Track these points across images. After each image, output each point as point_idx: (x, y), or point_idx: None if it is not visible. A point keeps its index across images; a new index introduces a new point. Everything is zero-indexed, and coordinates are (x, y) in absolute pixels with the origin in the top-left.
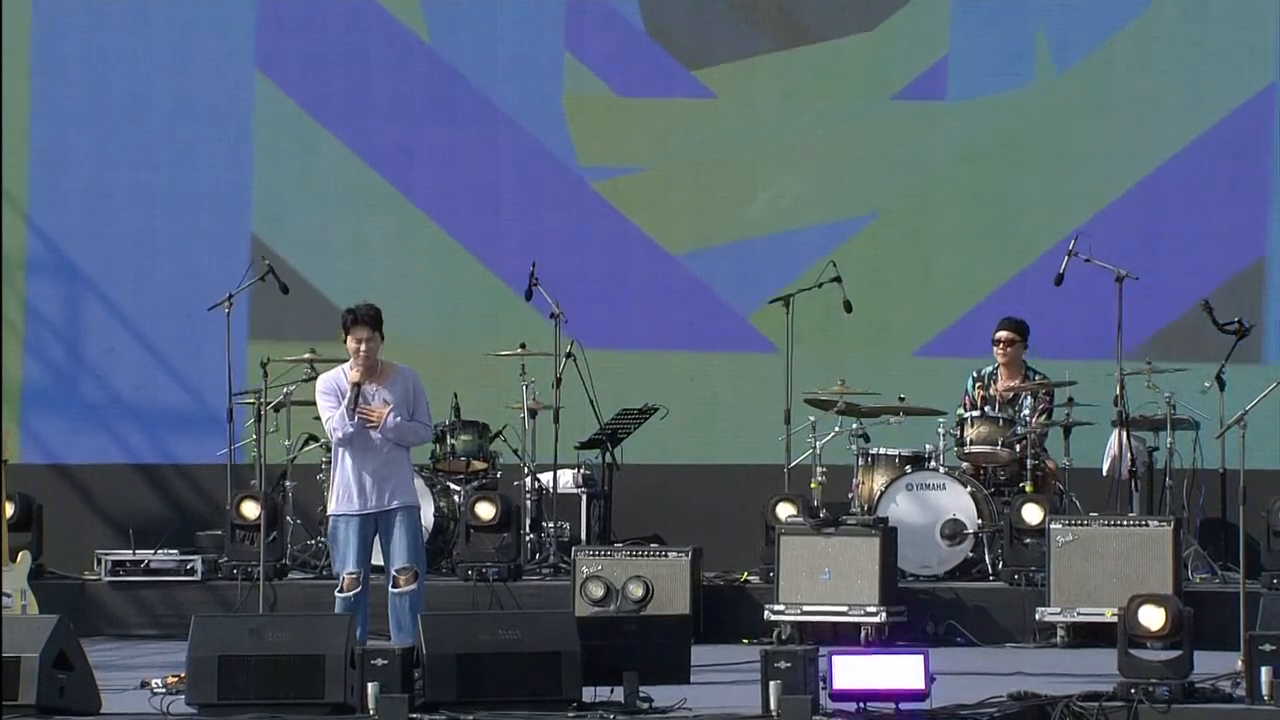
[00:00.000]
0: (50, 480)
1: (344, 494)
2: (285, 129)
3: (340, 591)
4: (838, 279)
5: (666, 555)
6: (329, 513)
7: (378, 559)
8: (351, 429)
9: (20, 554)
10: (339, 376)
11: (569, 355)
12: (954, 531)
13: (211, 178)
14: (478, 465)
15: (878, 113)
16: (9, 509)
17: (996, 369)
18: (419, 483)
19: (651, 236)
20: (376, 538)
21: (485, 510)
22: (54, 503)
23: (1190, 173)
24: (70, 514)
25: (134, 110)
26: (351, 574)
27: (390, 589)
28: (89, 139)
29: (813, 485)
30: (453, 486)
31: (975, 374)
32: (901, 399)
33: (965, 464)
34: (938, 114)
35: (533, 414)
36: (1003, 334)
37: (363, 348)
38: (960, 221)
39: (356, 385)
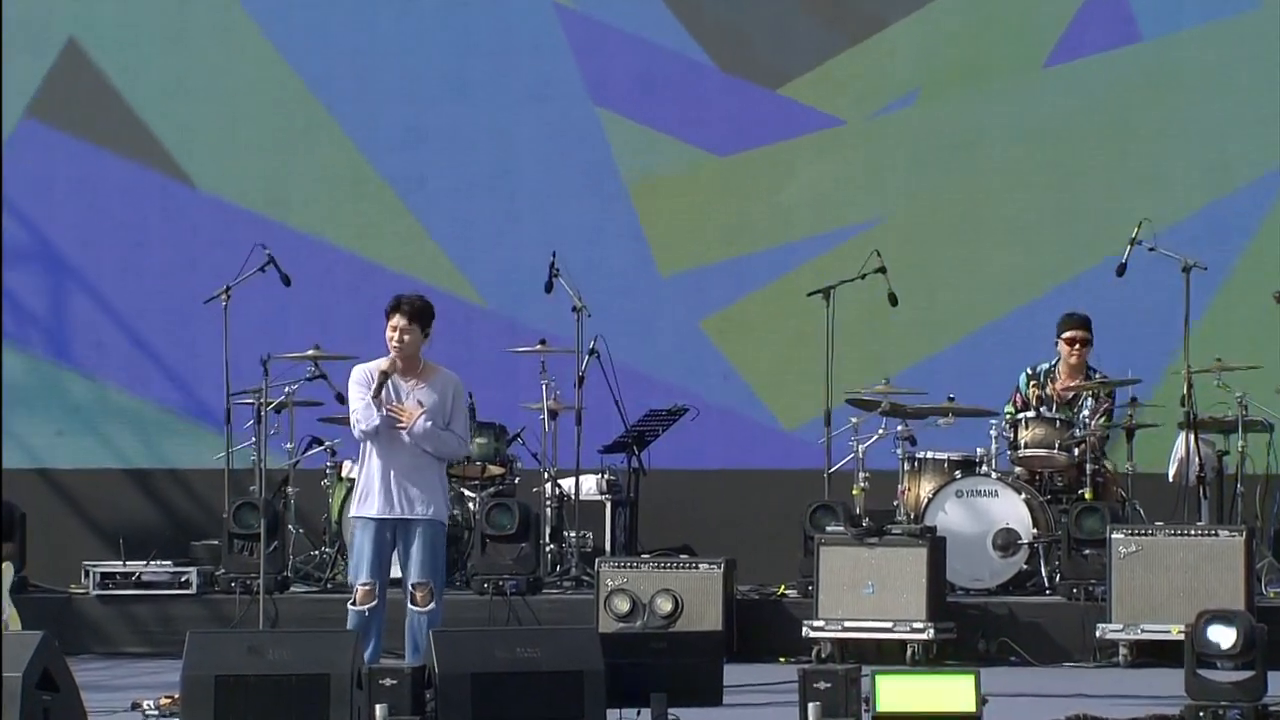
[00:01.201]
0: (33, 486)
1: (364, 495)
2: (289, 108)
3: (352, 604)
4: (882, 269)
5: (697, 567)
6: (350, 514)
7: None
8: (376, 422)
9: (2, 565)
10: (371, 366)
11: (592, 352)
12: (1007, 542)
13: (207, 160)
14: (494, 470)
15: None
16: None
17: (1054, 366)
18: None
19: (680, 224)
20: (395, 550)
21: (503, 519)
22: (38, 510)
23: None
24: (55, 523)
25: (125, 87)
26: (365, 585)
27: (409, 606)
28: (77, 122)
29: (855, 492)
30: (467, 493)
31: (1029, 370)
32: (951, 398)
33: (1020, 469)
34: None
35: (553, 415)
36: (1075, 333)
37: (395, 336)
38: (1015, 208)
39: (385, 374)
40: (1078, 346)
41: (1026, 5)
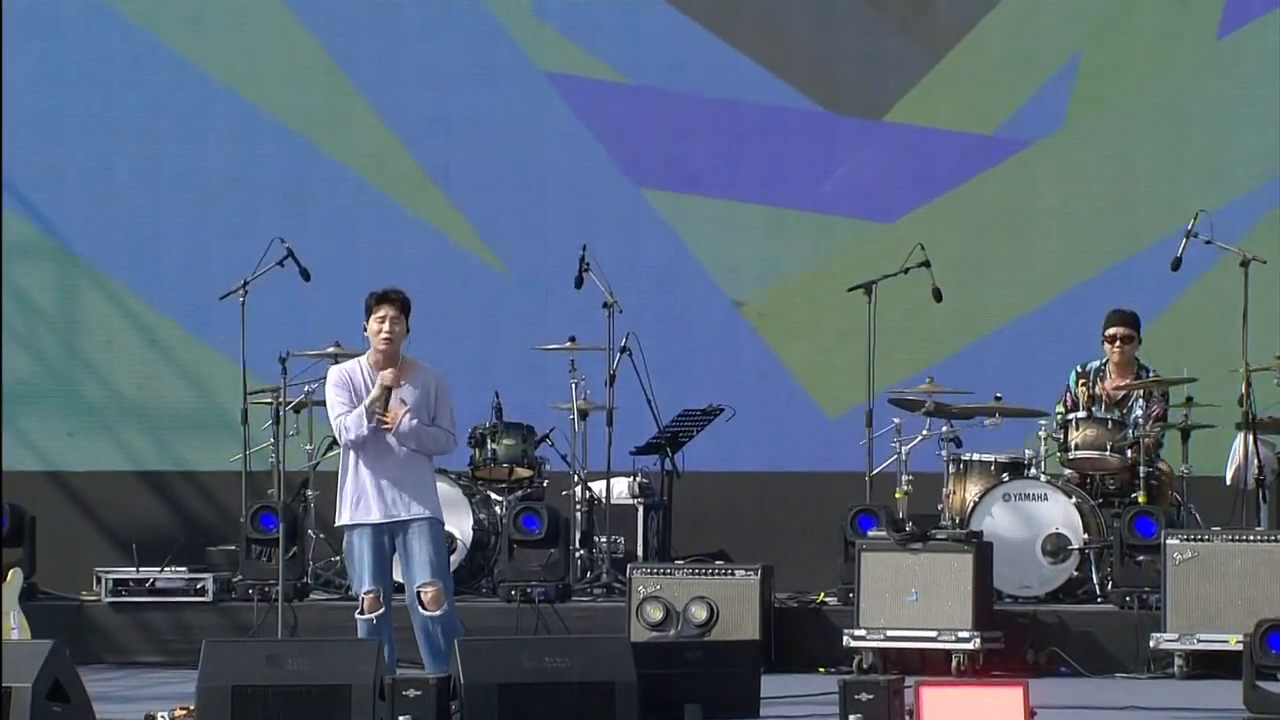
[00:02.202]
0: (44, 489)
1: (355, 502)
2: (309, 95)
3: (360, 614)
4: (926, 264)
5: (733, 574)
6: (338, 523)
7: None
8: (367, 432)
9: (10, 572)
10: (355, 369)
11: (624, 349)
12: (1057, 547)
13: (224, 150)
14: (522, 472)
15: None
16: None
17: (1104, 365)
18: (455, 492)
19: (715, 218)
20: (394, 555)
21: (530, 523)
22: (48, 514)
23: None
24: (66, 527)
25: (137, 75)
26: (369, 592)
27: (417, 611)
28: (88, 107)
29: (897, 495)
30: (494, 496)
31: (1079, 369)
32: (998, 398)
33: (1070, 471)
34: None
35: (583, 415)
36: (1118, 330)
37: (385, 327)
38: (1063, 200)
39: (388, 389)
40: (1119, 344)
41: None
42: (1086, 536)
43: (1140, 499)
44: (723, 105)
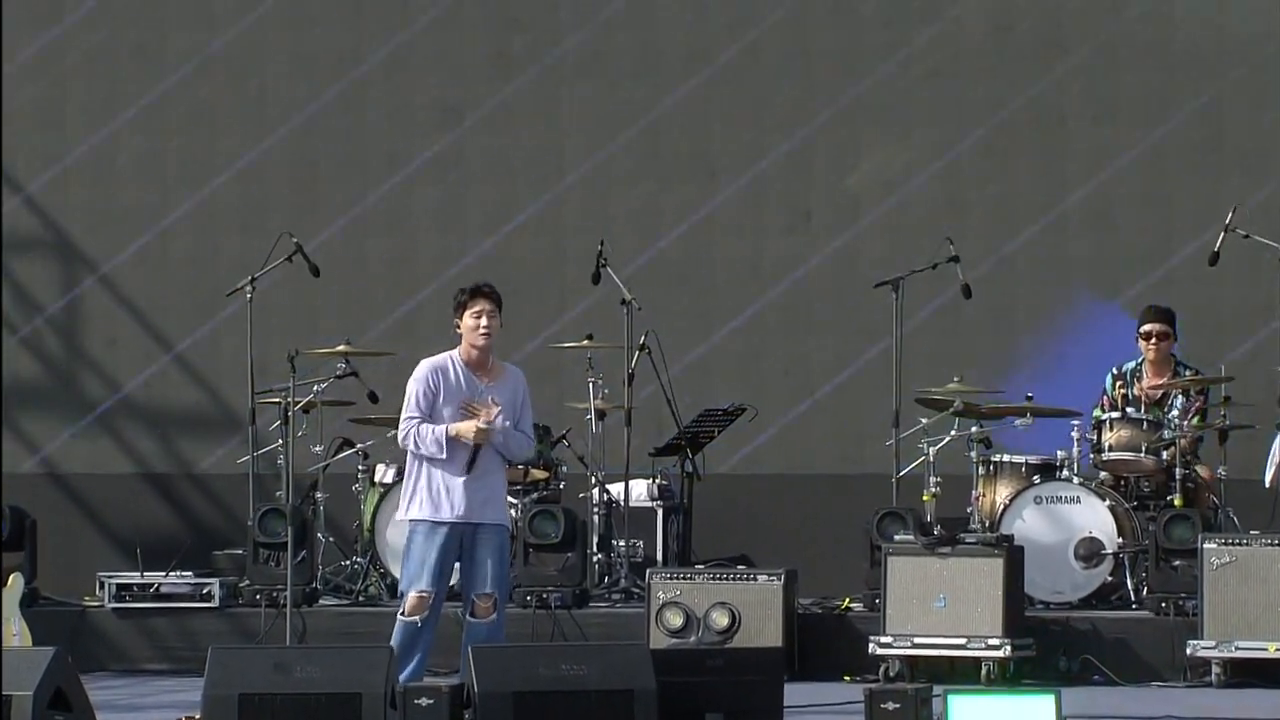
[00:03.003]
0: (45, 491)
1: (428, 497)
2: (319, 84)
3: (403, 614)
4: (955, 259)
5: (755, 579)
6: (402, 517)
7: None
8: (441, 458)
9: (11, 576)
10: (447, 366)
11: (643, 347)
12: (1090, 552)
13: (231, 141)
14: (537, 474)
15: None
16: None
17: (1141, 365)
18: None
19: (737, 211)
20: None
21: (547, 527)
22: (49, 517)
23: None
24: (68, 531)
25: (141, 62)
26: (422, 594)
27: (467, 617)
28: (90, 95)
29: (925, 498)
30: (509, 499)
31: (1115, 370)
32: (1029, 397)
33: (1104, 473)
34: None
35: (601, 415)
36: (1152, 326)
37: (484, 322)
38: (1099, 191)
39: (479, 447)
40: (1154, 341)
41: None
42: (1121, 540)
43: (1176, 502)
44: (748, 95)
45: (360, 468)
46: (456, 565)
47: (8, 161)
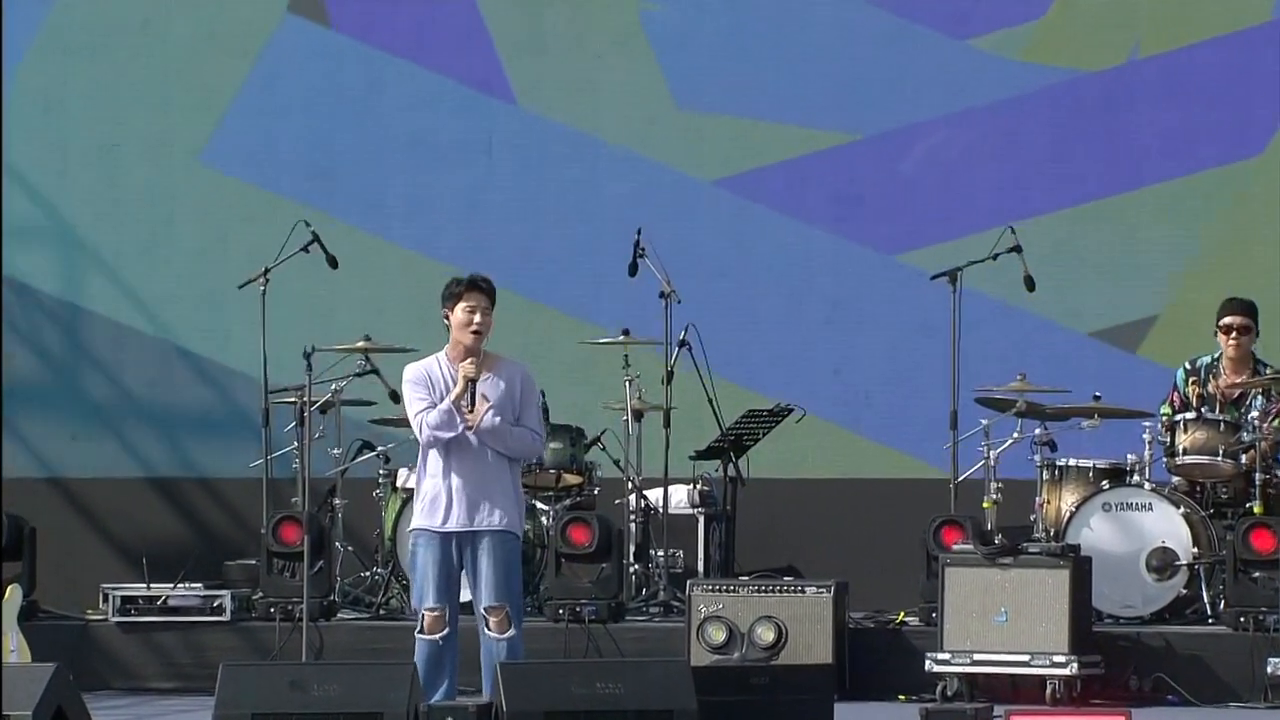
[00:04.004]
0: (45, 497)
1: (427, 505)
2: (335, 65)
3: (421, 633)
4: (1017, 249)
5: (803, 591)
6: (409, 527)
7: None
8: (460, 429)
9: (9, 588)
10: (433, 365)
11: (683, 343)
12: (1163, 563)
13: (242, 124)
14: (570, 479)
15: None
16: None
17: (1217, 361)
18: None
19: (784, 198)
20: (463, 568)
21: (580, 535)
22: (50, 525)
23: None
24: (70, 539)
25: (147, 42)
26: (432, 610)
27: (483, 633)
28: (93, 77)
29: (986, 505)
30: (540, 505)
31: (1188, 365)
32: (1097, 397)
33: (1177, 479)
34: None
35: (638, 416)
36: (1233, 319)
37: (477, 318)
38: (1172, 177)
39: (471, 380)
40: (1235, 335)
41: None
42: (1196, 551)
43: (1256, 509)
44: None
45: (381, 472)
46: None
47: (7, 146)
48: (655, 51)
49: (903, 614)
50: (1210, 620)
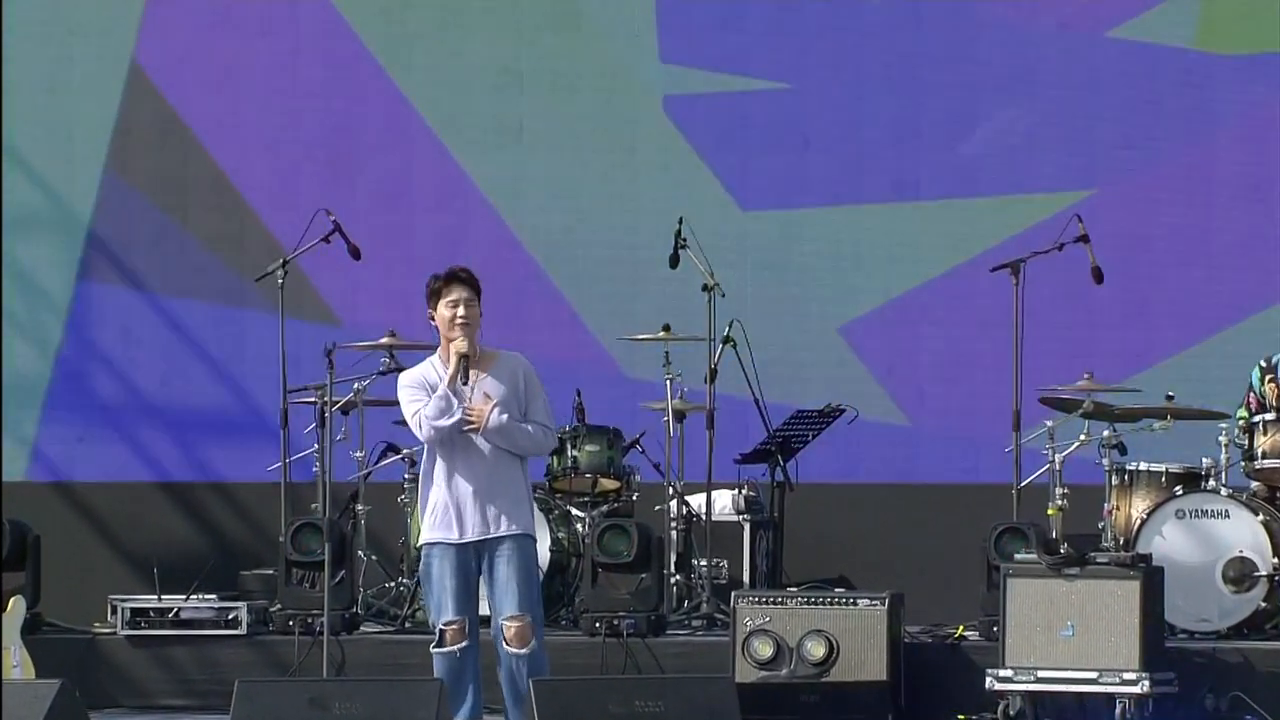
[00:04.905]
0: (51, 503)
1: (437, 516)
2: (359, 40)
3: (438, 647)
4: (1085, 239)
5: (855, 603)
6: (420, 541)
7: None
8: (457, 416)
9: (12, 600)
10: (428, 370)
11: (727, 339)
12: (1241, 574)
13: (260, 105)
14: (607, 484)
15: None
16: None
17: None
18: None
19: (836, 182)
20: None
21: (618, 544)
22: (56, 532)
23: None
24: (77, 548)
25: (157, 17)
26: (452, 624)
27: (501, 647)
28: (100, 54)
29: (1050, 511)
30: (575, 512)
31: (1264, 363)
32: (1170, 397)
33: (1256, 484)
34: None
35: (679, 416)
36: None
37: (460, 311)
38: (1249, 165)
39: (465, 356)
40: None
41: None
42: (1277, 561)
43: None
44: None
45: (406, 476)
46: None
47: (8, 129)
48: (692, 29)
49: (962, 628)
50: None
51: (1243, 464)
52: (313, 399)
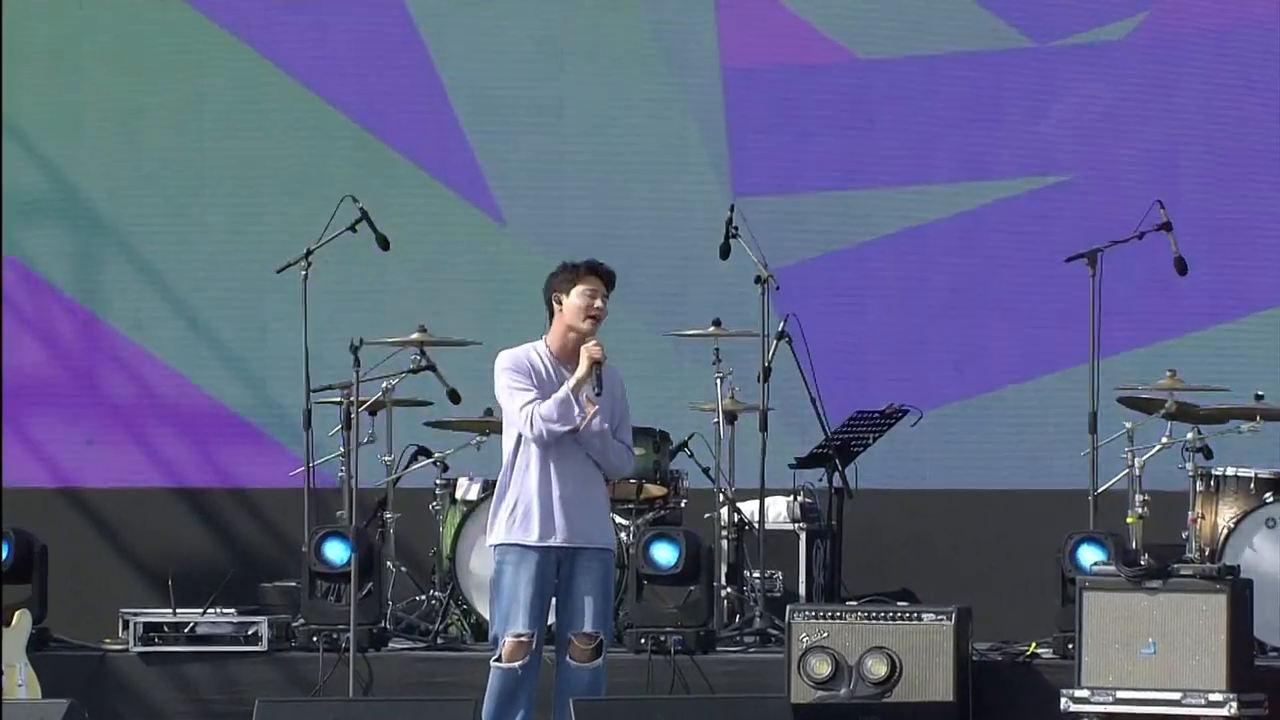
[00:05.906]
0: (58, 510)
1: (517, 517)
2: (386, 14)
3: (499, 661)
4: (1167, 226)
5: (920, 618)
6: (492, 542)
7: None
8: (577, 425)
9: (16, 614)
10: (533, 356)
11: (782, 335)
12: None
13: (280, 86)
14: (653, 491)
15: None
16: (0, 551)
17: None
18: None
19: (895, 164)
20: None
21: (665, 553)
22: (64, 542)
23: None
24: (86, 558)
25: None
26: (521, 637)
27: (566, 660)
28: (113, 34)
29: (1130, 520)
30: (620, 520)
31: None
32: (1259, 396)
33: None
34: None
35: (730, 418)
36: None
37: (597, 302)
38: None
39: (597, 363)
40: None
41: None
42: None
43: None
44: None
45: (438, 482)
46: None
47: (14, 111)
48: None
49: (1034, 645)
50: None
51: None
52: (338, 399)
